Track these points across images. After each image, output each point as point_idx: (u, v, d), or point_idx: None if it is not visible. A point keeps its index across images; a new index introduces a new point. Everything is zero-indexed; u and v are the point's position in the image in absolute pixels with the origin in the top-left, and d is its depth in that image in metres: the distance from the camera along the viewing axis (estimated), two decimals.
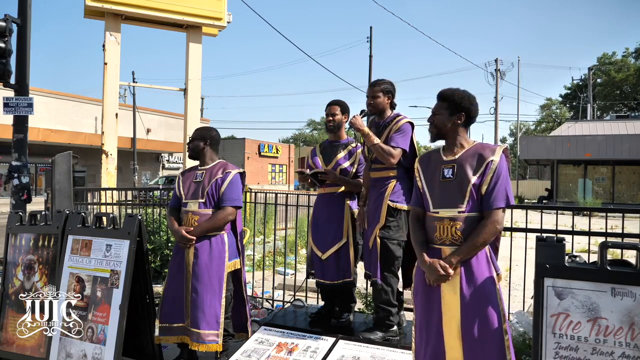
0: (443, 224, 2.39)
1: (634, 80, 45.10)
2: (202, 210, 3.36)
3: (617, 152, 23.68)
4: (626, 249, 2.43)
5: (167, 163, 33.12)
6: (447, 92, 2.48)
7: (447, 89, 2.50)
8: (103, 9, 6.70)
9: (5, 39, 5.91)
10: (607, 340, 2.07)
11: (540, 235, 2.33)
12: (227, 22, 7.40)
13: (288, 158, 46.99)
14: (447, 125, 2.45)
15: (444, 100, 2.46)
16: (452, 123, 2.45)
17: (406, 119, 3.46)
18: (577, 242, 4.84)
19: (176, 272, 3.43)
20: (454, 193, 2.39)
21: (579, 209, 4.45)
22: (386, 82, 3.56)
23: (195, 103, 7.62)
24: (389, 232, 3.31)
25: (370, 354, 3.19)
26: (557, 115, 54.21)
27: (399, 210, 3.34)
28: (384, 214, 3.32)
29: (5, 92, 7.55)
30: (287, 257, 7.03)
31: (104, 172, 6.92)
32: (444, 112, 2.45)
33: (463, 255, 2.32)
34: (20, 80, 6.26)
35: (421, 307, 2.48)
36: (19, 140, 6.20)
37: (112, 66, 6.89)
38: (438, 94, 2.51)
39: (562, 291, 2.16)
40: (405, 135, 3.39)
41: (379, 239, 3.30)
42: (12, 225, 3.68)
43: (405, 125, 3.42)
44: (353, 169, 3.77)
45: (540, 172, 50.04)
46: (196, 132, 3.64)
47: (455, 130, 2.47)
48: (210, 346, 3.28)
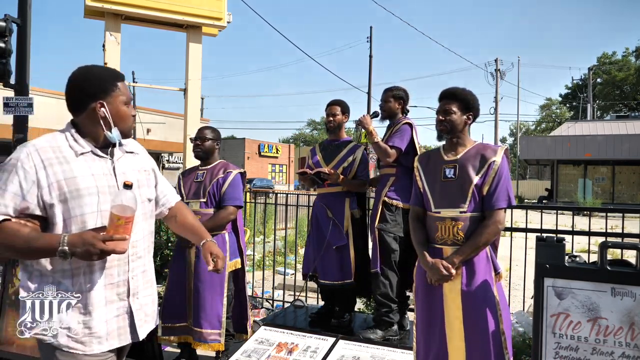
0: (445, 224, 2.40)
1: (634, 80, 45.11)
2: (204, 209, 3.36)
3: (617, 152, 23.68)
4: (626, 249, 2.44)
5: (167, 163, 33.13)
6: (458, 91, 2.48)
7: (456, 88, 2.50)
8: (103, 9, 6.69)
9: (5, 39, 5.91)
10: (607, 340, 2.07)
11: (540, 235, 2.33)
12: (227, 22, 7.39)
13: (288, 158, 47.00)
14: (460, 124, 2.46)
15: (456, 99, 2.46)
16: (463, 122, 2.47)
17: (406, 120, 3.63)
18: (577, 242, 4.84)
19: (178, 272, 3.43)
20: (455, 193, 2.39)
21: (579, 209, 4.45)
22: (399, 89, 3.76)
23: (195, 103, 7.62)
24: (386, 225, 3.48)
25: (370, 354, 3.19)
26: (557, 115, 54.24)
27: (396, 207, 3.50)
28: (380, 207, 3.51)
29: (5, 92, 7.56)
30: (287, 257, 7.03)
31: None
32: (457, 111, 2.45)
33: (465, 255, 2.33)
34: (20, 80, 6.26)
35: (422, 307, 2.48)
36: (19, 140, 6.19)
37: (112, 66, 6.88)
38: (448, 93, 2.49)
39: (562, 291, 2.16)
40: (402, 135, 3.54)
41: (377, 231, 3.49)
42: None
43: (404, 126, 3.59)
44: (353, 169, 3.77)
45: (540, 172, 50.08)
46: (209, 132, 3.56)
47: (463, 130, 2.48)
48: (212, 345, 3.30)
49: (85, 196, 1.63)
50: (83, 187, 1.63)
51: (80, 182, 1.64)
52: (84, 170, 1.66)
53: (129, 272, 1.75)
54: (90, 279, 1.66)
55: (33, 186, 1.59)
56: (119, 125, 1.74)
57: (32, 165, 1.60)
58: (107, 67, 1.83)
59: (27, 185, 1.58)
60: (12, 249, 1.57)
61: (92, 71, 1.74)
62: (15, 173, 1.59)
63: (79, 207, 1.62)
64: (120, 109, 1.74)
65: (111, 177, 1.72)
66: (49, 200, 1.60)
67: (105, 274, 1.68)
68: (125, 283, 1.74)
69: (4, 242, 1.56)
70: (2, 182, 1.60)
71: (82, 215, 1.63)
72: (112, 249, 1.55)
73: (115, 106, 1.73)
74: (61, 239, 1.53)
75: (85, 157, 1.69)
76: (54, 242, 1.54)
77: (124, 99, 1.75)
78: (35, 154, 1.62)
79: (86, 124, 1.73)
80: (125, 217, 1.56)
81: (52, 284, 1.62)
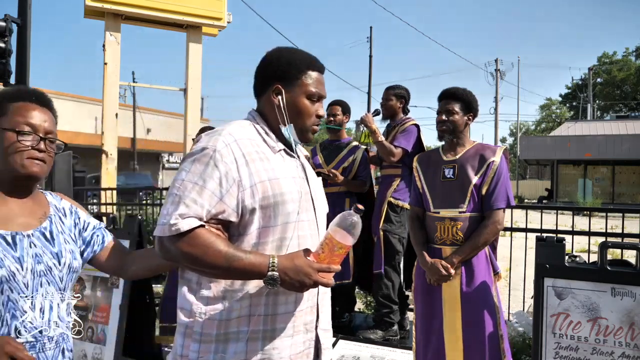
0: (444, 224, 2.40)
1: (635, 79, 45.09)
2: None
3: (617, 152, 23.67)
4: (626, 249, 2.44)
5: (167, 163, 33.11)
6: (460, 91, 2.49)
7: (457, 88, 2.50)
8: (103, 9, 6.69)
9: (5, 39, 5.91)
10: (607, 340, 2.07)
11: (540, 235, 2.33)
12: (227, 22, 7.39)
13: None
14: (461, 124, 2.47)
15: (458, 99, 2.46)
16: (464, 123, 2.47)
17: (412, 121, 3.64)
18: (577, 242, 4.83)
19: (177, 272, 3.43)
20: (455, 193, 2.39)
21: (579, 209, 4.46)
22: (400, 87, 3.76)
23: (195, 103, 7.61)
24: (391, 226, 3.48)
25: (370, 353, 3.19)
26: (557, 115, 54.23)
27: (402, 208, 3.49)
28: (384, 208, 3.49)
29: None
30: None
31: (104, 172, 6.91)
32: (459, 112, 2.46)
33: (464, 256, 2.33)
34: (20, 80, 6.25)
35: (422, 307, 2.48)
36: None
37: (112, 66, 6.88)
38: (449, 93, 2.49)
39: (562, 291, 2.16)
40: (408, 136, 3.53)
41: (382, 232, 3.48)
42: None
43: (411, 127, 3.59)
44: (353, 169, 3.77)
45: (540, 172, 50.06)
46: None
47: (464, 131, 2.49)
48: None
49: (288, 202, 1.34)
50: (287, 191, 1.34)
51: (283, 185, 1.34)
52: (284, 171, 1.38)
53: (318, 295, 1.42)
54: (274, 301, 1.32)
55: (234, 185, 1.28)
56: (293, 121, 1.42)
57: (232, 160, 1.29)
58: (304, 52, 1.48)
59: (227, 184, 1.27)
60: (206, 265, 1.25)
61: (284, 52, 1.46)
62: (214, 167, 1.27)
63: (282, 215, 1.32)
64: (300, 102, 1.41)
65: (304, 183, 1.43)
66: (250, 204, 1.29)
67: (297, 298, 1.35)
68: (313, 310, 1.41)
69: (198, 256, 1.23)
70: (198, 175, 1.27)
71: (284, 224, 1.33)
72: (325, 282, 1.28)
73: (294, 96, 1.41)
74: (269, 261, 1.24)
75: (280, 154, 1.41)
76: (263, 265, 1.24)
77: (308, 91, 1.42)
78: (235, 146, 1.31)
79: (268, 112, 1.44)
80: (347, 247, 1.30)
81: (222, 311, 1.30)
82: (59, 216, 1.48)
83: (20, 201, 1.39)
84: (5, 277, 1.28)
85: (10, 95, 1.40)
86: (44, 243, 1.38)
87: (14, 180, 1.36)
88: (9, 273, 1.29)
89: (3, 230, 1.32)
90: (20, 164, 1.33)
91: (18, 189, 1.39)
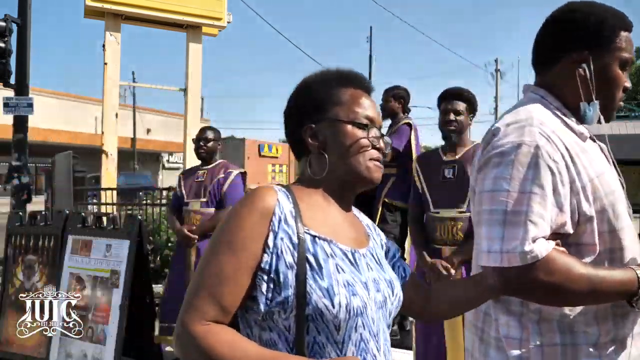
0: (444, 224, 2.40)
1: (635, 80, 45.12)
2: (205, 209, 3.37)
3: (617, 152, 23.43)
4: None
5: (167, 163, 33.12)
6: (465, 92, 2.51)
7: (462, 89, 2.52)
8: (103, 9, 6.69)
9: (5, 39, 5.91)
10: None
11: None
12: (227, 22, 7.39)
13: (288, 158, 46.97)
14: (467, 125, 2.50)
15: (464, 100, 2.47)
16: (468, 123, 2.51)
17: (405, 120, 3.63)
18: None
19: (178, 272, 3.43)
20: (454, 193, 2.39)
21: None
22: (400, 88, 3.81)
23: (195, 103, 7.62)
24: (385, 226, 3.50)
25: None
26: None
27: (396, 207, 3.56)
28: (379, 208, 3.56)
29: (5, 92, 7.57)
30: None
31: (104, 172, 6.91)
32: (465, 112, 2.47)
33: (464, 256, 2.33)
34: (20, 80, 6.26)
35: None
36: (19, 140, 6.20)
37: (112, 66, 6.88)
38: (455, 93, 2.50)
39: None
40: (400, 136, 3.59)
41: None
42: (12, 225, 3.68)
43: (403, 126, 3.66)
44: None
45: None
46: (211, 132, 3.55)
47: (466, 131, 2.51)
48: None
49: (619, 203, 1.09)
50: (616, 188, 1.10)
51: (611, 182, 1.10)
52: (604, 164, 1.13)
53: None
54: (622, 325, 1.08)
55: (568, 190, 1.04)
56: (602, 96, 1.13)
57: (560, 157, 1.03)
58: (613, 8, 1.17)
59: (562, 189, 1.03)
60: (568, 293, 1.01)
61: (588, 8, 1.16)
62: (546, 168, 1.01)
63: (616, 219, 1.07)
64: (613, 70, 1.13)
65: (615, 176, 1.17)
66: (587, 211, 1.05)
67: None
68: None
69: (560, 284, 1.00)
70: (530, 181, 1.01)
71: (613, 231, 1.07)
72: None
73: (605, 64, 1.12)
74: (637, 276, 1.02)
75: (590, 141, 1.16)
76: (631, 282, 1.01)
77: (623, 57, 1.13)
78: (556, 138, 1.05)
79: (562, 86, 1.15)
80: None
81: (561, 333, 1.07)
82: (372, 235, 1.14)
83: (344, 212, 1.06)
84: (360, 308, 0.91)
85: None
86: (376, 267, 1.02)
87: (346, 185, 1.04)
88: (363, 304, 0.92)
89: (343, 245, 0.97)
90: (365, 167, 1.01)
91: (346, 197, 1.07)
